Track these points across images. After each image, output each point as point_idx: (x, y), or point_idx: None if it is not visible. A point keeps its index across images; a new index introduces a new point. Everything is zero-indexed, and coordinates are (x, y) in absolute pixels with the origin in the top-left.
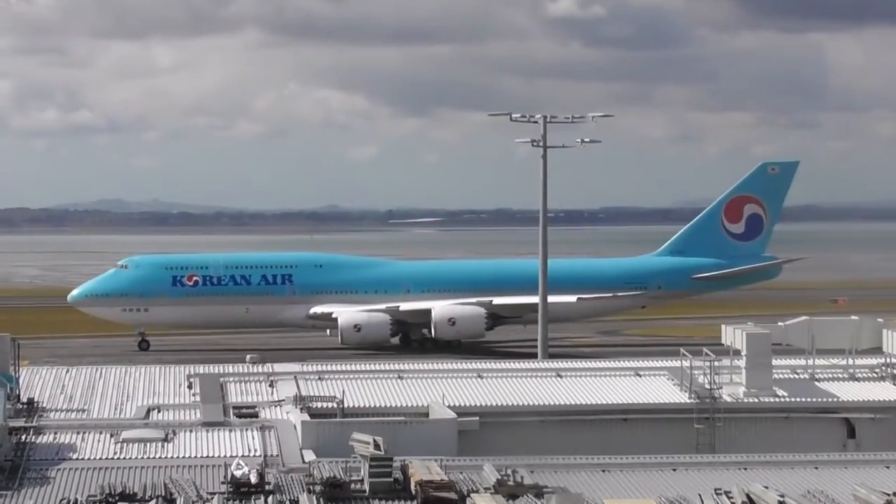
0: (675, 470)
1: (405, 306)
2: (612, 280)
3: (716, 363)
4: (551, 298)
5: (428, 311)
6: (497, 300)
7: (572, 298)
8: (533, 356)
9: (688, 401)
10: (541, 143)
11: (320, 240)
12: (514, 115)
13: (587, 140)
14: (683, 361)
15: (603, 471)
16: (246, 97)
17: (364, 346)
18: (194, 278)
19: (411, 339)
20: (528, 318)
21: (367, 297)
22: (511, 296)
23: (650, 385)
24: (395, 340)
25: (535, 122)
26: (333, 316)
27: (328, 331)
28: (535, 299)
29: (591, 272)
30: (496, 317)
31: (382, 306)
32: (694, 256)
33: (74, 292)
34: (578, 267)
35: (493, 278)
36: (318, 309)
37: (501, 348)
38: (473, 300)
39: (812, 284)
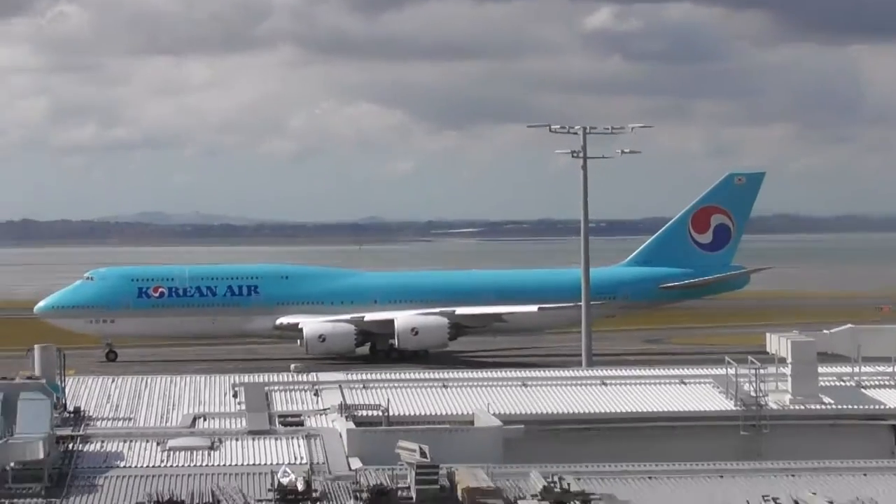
0: (722, 477)
1: (369, 317)
2: (579, 290)
3: (761, 371)
4: (512, 308)
5: (392, 322)
6: (460, 310)
7: (533, 308)
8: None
9: (733, 408)
10: (580, 154)
11: (369, 250)
12: (553, 126)
13: (627, 150)
14: (729, 369)
15: (650, 478)
16: (282, 114)
17: (329, 356)
18: (160, 290)
19: (378, 349)
20: (492, 328)
21: (334, 307)
22: (476, 306)
23: (695, 393)
24: (365, 350)
25: (575, 132)
26: (299, 326)
27: (298, 341)
28: (498, 309)
29: (557, 282)
30: (459, 327)
31: (347, 317)
32: (662, 266)
33: (41, 304)
34: (545, 277)
35: (460, 289)
36: (284, 320)
37: (469, 358)
38: (437, 310)
39: (856, 293)
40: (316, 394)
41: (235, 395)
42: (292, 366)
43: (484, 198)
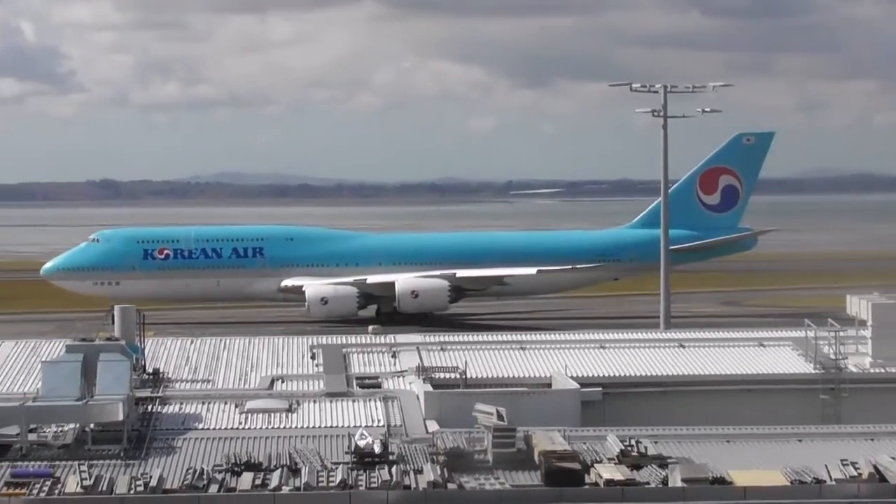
0: (800, 441)
1: (372, 279)
2: (583, 253)
3: (841, 333)
4: (510, 271)
5: (394, 284)
6: (460, 273)
7: (532, 271)
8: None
9: (813, 371)
10: (661, 113)
11: (446, 212)
12: (634, 85)
13: (707, 110)
14: (808, 332)
15: (727, 441)
16: (364, 70)
17: (332, 319)
18: (165, 251)
19: (382, 311)
20: (493, 291)
21: (338, 269)
22: (478, 268)
23: (774, 355)
24: (371, 312)
25: (655, 91)
26: (303, 289)
27: (305, 304)
28: (498, 272)
29: (561, 245)
30: (460, 289)
31: (350, 279)
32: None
33: (47, 265)
34: (547, 240)
35: (464, 251)
36: (288, 282)
37: (472, 321)
38: (437, 273)
39: None
40: (394, 355)
41: (313, 357)
42: (370, 327)
43: (564, 157)
